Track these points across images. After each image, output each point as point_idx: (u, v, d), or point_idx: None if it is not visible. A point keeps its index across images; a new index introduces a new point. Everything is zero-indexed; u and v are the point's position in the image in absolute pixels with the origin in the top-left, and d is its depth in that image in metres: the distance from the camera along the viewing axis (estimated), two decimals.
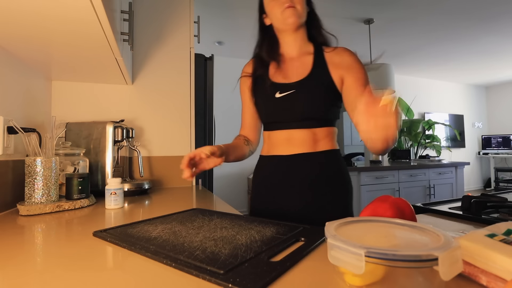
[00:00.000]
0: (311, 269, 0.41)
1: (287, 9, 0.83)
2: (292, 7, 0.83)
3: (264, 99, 0.89)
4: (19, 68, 1.02)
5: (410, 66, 5.10)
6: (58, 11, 0.69)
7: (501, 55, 4.52)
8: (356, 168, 2.83)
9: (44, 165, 0.85)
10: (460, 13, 3.11)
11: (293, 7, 0.83)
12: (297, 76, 0.86)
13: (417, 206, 0.80)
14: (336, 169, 0.85)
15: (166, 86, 1.56)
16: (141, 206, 0.96)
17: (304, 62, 0.88)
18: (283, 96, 0.85)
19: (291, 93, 0.84)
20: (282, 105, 0.85)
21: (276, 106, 0.86)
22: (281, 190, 0.85)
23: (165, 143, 1.54)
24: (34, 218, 0.78)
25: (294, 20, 0.83)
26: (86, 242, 0.55)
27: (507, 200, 0.75)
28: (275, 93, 0.86)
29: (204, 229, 0.60)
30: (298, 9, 0.83)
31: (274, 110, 0.87)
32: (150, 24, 1.56)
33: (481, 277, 0.34)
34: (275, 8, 0.85)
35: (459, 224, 0.64)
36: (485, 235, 0.38)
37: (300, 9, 0.84)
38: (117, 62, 1.09)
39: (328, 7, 2.92)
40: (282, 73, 0.88)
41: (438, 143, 5.33)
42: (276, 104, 0.85)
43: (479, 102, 6.77)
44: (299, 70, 0.87)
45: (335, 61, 0.85)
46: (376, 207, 0.50)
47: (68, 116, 1.37)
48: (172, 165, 1.53)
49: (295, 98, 0.83)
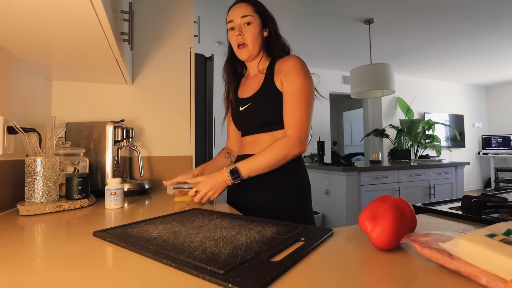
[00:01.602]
0: (311, 269, 0.41)
1: (240, 48, 0.94)
2: (244, 46, 0.94)
3: (233, 113, 1.04)
4: (19, 68, 1.02)
5: (410, 66, 5.10)
6: (58, 11, 0.69)
7: (501, 55, 4.53)
8: (356, 168, 2.83)
9: (44, 165, 0.85)
10: (460, 13, 3.11)
11: (245, 46, 0.94)
12: (253, 91, 0.97)
13: (417, 206, 0.80)
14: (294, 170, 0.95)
15: (166, 86, 1.56)
16: (141, 206, 0.96)
17: (259, 77, 0.98)
18: (244, 109, 0.98)
19: (248, 106, 0.97)
20: (244, 116, 0.99)
21: (240, 117, 1.01)
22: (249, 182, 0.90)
23: (165, 143, 1.54)
24: (34, 218, 0.78)
25: (246, 57, 0.96)
26: (86, 242, 0.55)
27: (507, 200, 0.75)
28: (239, 107, 1.00)
29: (204, 229, 0.60)
30: (249, 47, 0.94)
31: (239, 121, 1.02)
32: (150, 24, 1.56)
33: (481, 277, 0.34)
34: (232, 41, 0.97)
35: (459, 224, 0.64)
36: (485, 235, 0.38)
37: (251, 46, 0.94)
38: (117, 62, 1.09)
39: (328, 7, 2.92)
40: (244, 89, 1.02)
41: (438, 143, 5.33)
42: (240, 116, 1.00)
43: (479, 102, 6.77)
44: (255, 85, 0.98)
45: (279, 68, 0.94)
46: (376, 207, 0.50)
47: (68, 116, 1.37)
48: (172, 165, 1.53)
49: (252, 110, 0.96)
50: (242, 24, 0.92)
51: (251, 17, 0.92)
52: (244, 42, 0.92)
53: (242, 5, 0.94)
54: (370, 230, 0.47)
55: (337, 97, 6.49)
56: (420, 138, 5.06)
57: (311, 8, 2.94)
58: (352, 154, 6.11)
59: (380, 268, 0.40)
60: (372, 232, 0.47)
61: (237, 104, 1.01)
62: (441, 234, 0.44)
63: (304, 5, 2.87)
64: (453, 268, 0.37)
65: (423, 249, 0.42)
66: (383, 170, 3.02)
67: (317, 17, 3.16)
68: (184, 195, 0.98)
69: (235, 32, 0.93)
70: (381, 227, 0.46)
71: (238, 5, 0.94)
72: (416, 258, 0.43)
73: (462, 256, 0.37)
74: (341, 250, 0.48)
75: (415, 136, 5.11)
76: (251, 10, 0.93)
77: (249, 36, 0.92)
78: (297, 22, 3.26)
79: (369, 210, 0.50)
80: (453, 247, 0.38)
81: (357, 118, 7.57)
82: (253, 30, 0.92)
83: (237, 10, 0.93)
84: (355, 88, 3.24)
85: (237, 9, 0.93)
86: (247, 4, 0.94)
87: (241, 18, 0.92)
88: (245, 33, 0.92)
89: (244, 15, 0.91)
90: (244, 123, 1.00)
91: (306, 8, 2.95)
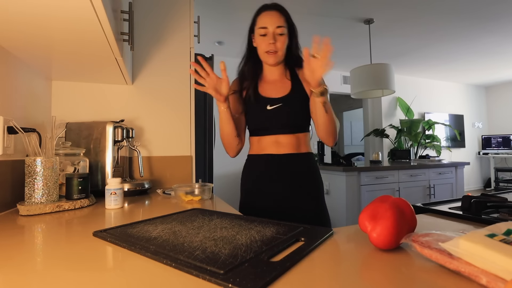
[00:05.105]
0: (311, 269, 0.41)
1: (270, 53, 0.98)
2: (275, 53, 0.98)
3: (256, 110, 1.03)
4: (19, 68, 1.02)
5: (410, 66, 5.09)
6: (58, 11, 0.69)
7: (501, 55, 4.52)
8: (356, 168, 2.83)
9: (44, 165, 0.85)
10: (460, 13, 3.11)
11: (275, 53, 0.98)
12: (282, 92, 1.03)
13: (417, 206, 0.80)
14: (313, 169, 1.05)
15: (166, 86, 1.56)
16: (141, 206, 0.96)
17: (284, 81, 1.06)
18: (274, 108, 1.01)
19: (279, 106, 1.01)
20: (272, 115, 1.01)
21: (267, 116, 1.01)
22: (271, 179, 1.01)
23: (165, 143, 1.54)
24: (34, 218, 0.78)
25: (274, 63, 1.01)
26: (86, 242, 0.55)
27: (507, 200, 0.75)
28: (266, 106, 1.02)
29: (204, 229, 0.60)
30: (278, 54, 0.99)
31: (265, 119, 1.02)
32: (150, 24, 1.56)
33: (481, 277, 0.34)
34: (261, 46, 1.00)
35: (459, 224, 0.64)
36: (485, 235, 0.38)
37: (280, 54, 1.00)
38: (117, 62, 1.09)
39: (328, 7, 2.92)
40: (268, 90, 1.05)
41: (438, 143, 5.33)
42: (267, 115, 1.01)
43: (479, 102, 6.77)
44: (282, 88, 1.04)
45: (304, 78, 1.01)
46: (376, 207, 0.50)
47: (68, 116, 1.37)
48: (172, 165, 1.53)
49: (283, 110, 1.00)
50: (276, 33, 0.97)
51: (284, 28, 0.98)
52: (276, 50, 0.98)
53: (277, 14, 0.98)
54: (370, 230, 0.47)
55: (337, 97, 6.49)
56: (420, 138, 5.06)
57: (311, 8, 2.94)
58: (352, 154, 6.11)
59: (380, 268, 0.40)
60: (372, 232, 0.47)
61: (261, 103, 1.02)
62: (441, 234, 0.44)
63: (304, 5, 2.87)
64: (453, 268, 0.37)
65: (423, 249, 0.42)
66: (383, 170, 3.02)
67: (317, 17, 3.16)
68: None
69: (268, 39, 0.97)
70: (381, 227, 0.46)
71: (272, 13, 0.99)
72: (416, 258, 0.43)
73: (462, 256, 0.37)
74: (341, 250, 0.48)
75: (415, 136, 5.11)
76: (284, 21, 0.99)
77: (280, 45, 0.98)
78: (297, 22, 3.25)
79: (369, 210, 0.50)
80: (453, 247, 0.38)
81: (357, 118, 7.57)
82: (285, 39, 0.99)
83: (271, 18, 0.98)
84: (355, 88, 3.24)
85: (272, 17, 0.98)
86: (280, 14, 0.99)
87: (276, 28, 0.97)
88: (277, 42, 0.98)
89: (279, 26, 0.97)
90: (270, 121, 1.01)
91: (306, 8, 2.95)
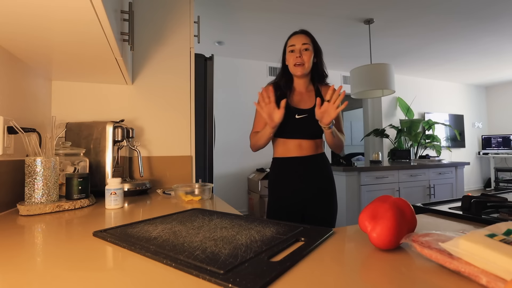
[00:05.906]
0: (311, 269, 0.41)
1: (296, 66, 1.19)
2: (301, 65, 1.18)
3: (286, 117, 1.16)
4: (19, 68, 1.02)
5: (410, 66, 5.09)
6: (58, 11, 0.69)
7: (501, 55, 4.52)
8: (356, 168, 2.83)
9: (44, 165, 0.85)
10: (460, 13, 3.11)
11: (301, 65, 1.18)
12: (308, 105, 1.23)
13: (417, 206, 0.80)
14: (328, 166, 1.27)
15: (166, 86, 1.56)
16: (141, 206, 0.96)
17: (310, 95, 1.26)
18: (301, 117, 1.20)
19: (306, 116, 1.20)
20: (299, 124, 1.20)
21: (295, 124, 1.20)
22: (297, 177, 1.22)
23: (165, 143, 1.54)
24: (34, 218, 0.78)
25: (301, 74, 1.21)
26: (86, 242, 0.55)
27: (507, 200, 0.75)
28: (295, 115, 1.20)
29: (204, 229, 0.60)
30: (304, 67, 1.19)
31: (293, 127, 1.20)
32: (150, 24, 1.56)
33: (481, 277, 0.34)
34: (290, 60, 1.22)
35: (459, 224, 0.64)
36: (485, 235, 0.38)
37: (307, 66, 1.20)
38: (117, 62, 1.09)
39: (328, 7, 2.92)
40: (296, 101, 1.24)
41: (438, 143, 5.33)
42: (295, 122, 1.20)
43: (479, 102, 6.77)
44: (308, 100, 1.24)
45: (324, 94, 1.24)
46: (376, 207, 0.50)
47: (68, 116, 1.37)
48: (172, 165, 1.53)
49: (308, 120, 1.19)
50: (302, 49, 1.19)
51: (309, 45, 1.20)
52: (301, 62, 1.18)
53: (303, 36, 1.22)
54: (370, 230, 0.47)
55: None
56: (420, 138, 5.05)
57: (311, 8, 2.94)
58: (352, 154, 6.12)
59: (380, 268, 0.40)
60: (372, 232, 0.47)
61: (291, 111, 1.20)
62: (441, 234, 0.44)
63: (304, 4, 2.87)
64: (453, 268, 0.37)
65: (423, 249, 0.42)
66: (383, 170, 3.02)
67: (317, 17, 3.16)
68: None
69: (295, 54, 1.19)
70: (381, 227, 0.46)
71: (299, 35, 1.22)
72: (416, 258, 0.43)
73: (462, 256, 0.37)
74: (341, 250, 0.48)
75: (415, 136, 5.11)
76: (309, 40, 1.21)
77: (306, 58, 1.19)
78: (297, 22, 3.26)
79: (369, 210, 0.50)
80: (453, 247, 0.38)
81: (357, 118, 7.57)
82: (310, 54, 1.20)
83: (298, 38, 1.21)
84: (355, 88, 3.24)
85: (299, 38, 1.21)
86: (306, 35, 1.22)
87: (301, 45, 1.19)
88: (303, 56, 1.19)
89: (304, 43, 1.19)
90: (296, 129, 1.20)
91: (306, 8, 2.95)
